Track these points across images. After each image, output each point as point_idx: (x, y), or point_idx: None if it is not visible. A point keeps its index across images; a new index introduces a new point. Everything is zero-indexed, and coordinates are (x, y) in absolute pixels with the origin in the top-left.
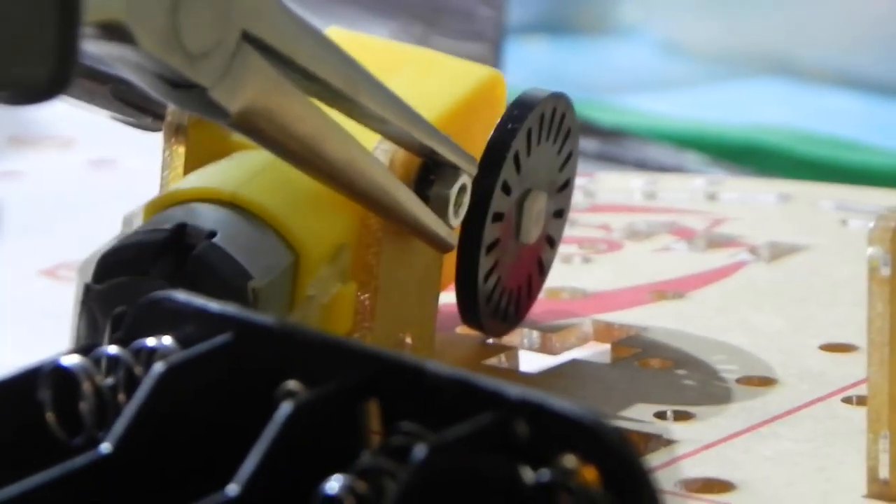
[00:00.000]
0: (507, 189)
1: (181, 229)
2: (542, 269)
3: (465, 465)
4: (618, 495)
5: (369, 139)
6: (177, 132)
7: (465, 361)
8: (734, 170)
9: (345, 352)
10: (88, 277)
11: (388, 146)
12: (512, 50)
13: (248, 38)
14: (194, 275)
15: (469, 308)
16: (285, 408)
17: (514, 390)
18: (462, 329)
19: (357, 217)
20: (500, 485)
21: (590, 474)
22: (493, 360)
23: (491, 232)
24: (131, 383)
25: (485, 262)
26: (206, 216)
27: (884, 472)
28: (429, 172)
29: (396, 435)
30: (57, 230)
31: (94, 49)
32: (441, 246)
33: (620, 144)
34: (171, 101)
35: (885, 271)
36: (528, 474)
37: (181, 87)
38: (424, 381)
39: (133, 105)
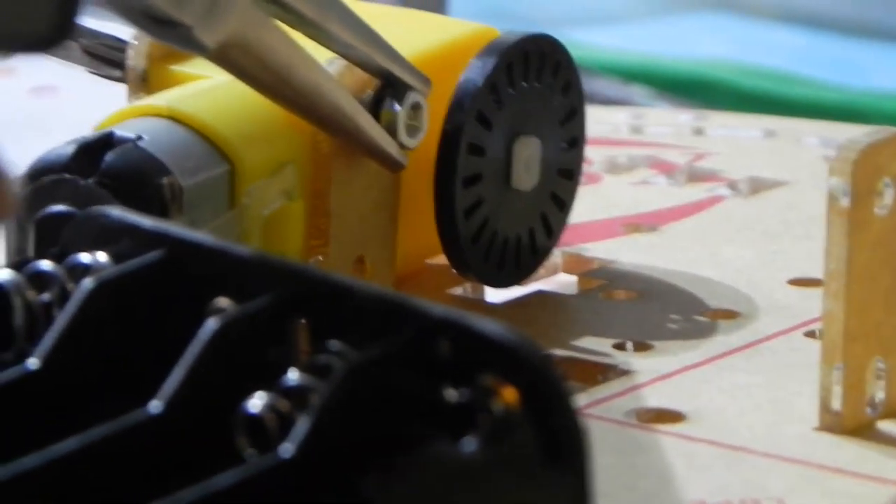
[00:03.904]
0: (485, 122)
1: (108, 135)
2: (549, 228)
3: (385, 383)
4: (537, 416)
5: (319, 56)
6: (141, 80)
7: (429, 289)
8: (680, 103)
9: (276, 270)
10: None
11: (340, 64)
12: None
13: None
14: (112, 171)
15: (450, 245)
16: (210, 324)
17: (437, 309)
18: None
19: (305, 137)
20: (421, 404)
21: (510, 395)
22: (457, 290)
23: (468, 164)
24: (64, 299)
25: (464, 196)
26: (140, 126)
27: (836, 404)
28: (383, 93)
29: (321, 353)
30: None
31: None
32: (391, 165)
33: None
34: (153, 35)
35: (845, 202)
36: (450, 394)
37: (165, 23)
38: (352, 300)
39: (102, 59)
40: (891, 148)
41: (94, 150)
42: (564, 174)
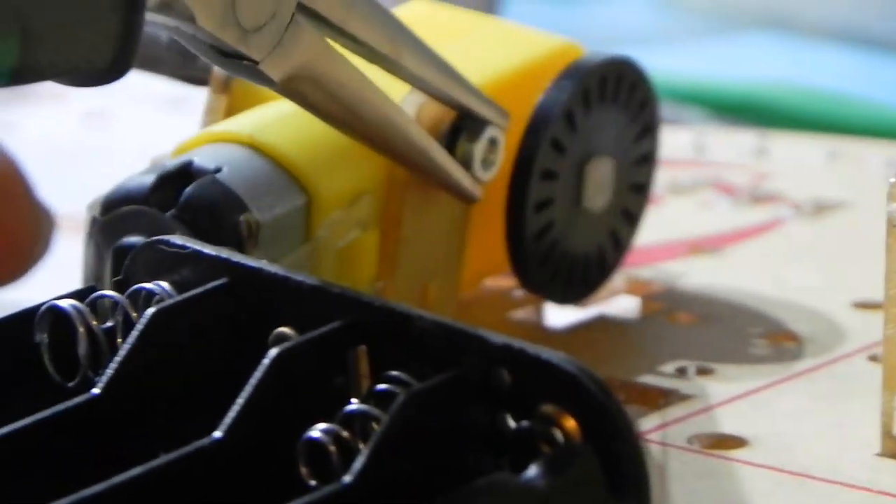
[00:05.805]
0: (558, 147)
1: (187, 165)
2: (618, 244)
3: (446, 412)
4: (598, 446)
5: (398, 88)
6: (223, 86)
7: (490, 315)
8: (734, 125)
9: (337, 299)
10: (96, 212)
11: (418, 98)
12: (510, 5)
13: (302, 9)
14: (190, 206)
15: (520, 269)
16: (271, 353)
17: (497, 338)
18: (491, 280)
19: (381, 167)
20: (482, 433)
21: (570, 424)
22: (519, 314)
23: (541, 189)
24: (128, 327)
25: (535, 220)
26: (219, 155)
27: None
28: (460, 126)
29: (383, 382)
30: (52, 182)
31: (147, 18)
32: (466, 198)
33: None
34: (220, 66)
35: None
36: (510, 423)
37: (232, 57)
38: (413, 329)
39: (187, 59)
40: None
41: (173, 181)
42: (636, 189)
